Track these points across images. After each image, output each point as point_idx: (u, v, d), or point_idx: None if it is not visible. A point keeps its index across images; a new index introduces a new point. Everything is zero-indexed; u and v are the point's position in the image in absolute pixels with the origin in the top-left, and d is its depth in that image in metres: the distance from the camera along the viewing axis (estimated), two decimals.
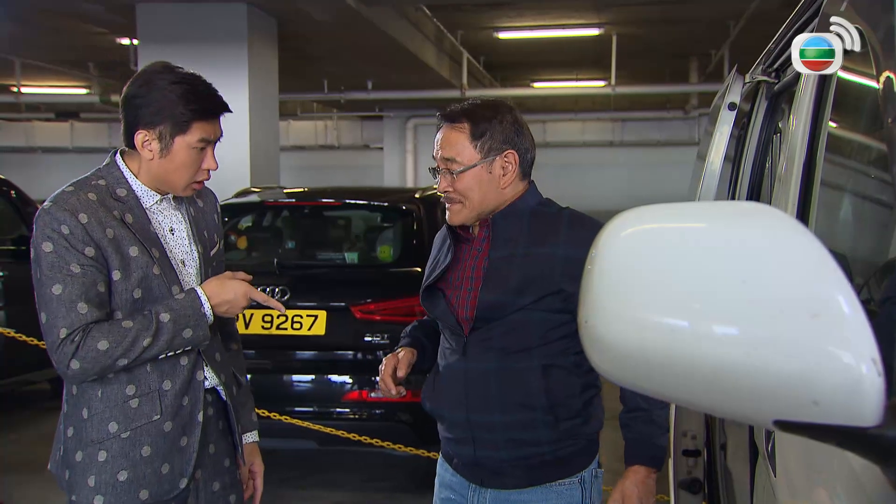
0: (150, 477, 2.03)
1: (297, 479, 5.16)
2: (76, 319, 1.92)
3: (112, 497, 2.01)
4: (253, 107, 8.40)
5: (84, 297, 1.93)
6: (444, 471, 2.24)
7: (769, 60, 2.57)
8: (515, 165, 2.08)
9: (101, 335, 1.92)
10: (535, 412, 2.04)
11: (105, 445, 2.01)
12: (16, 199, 6.73)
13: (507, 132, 2.07)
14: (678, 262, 0.88)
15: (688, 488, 2.82)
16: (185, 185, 2.09)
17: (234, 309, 2.08)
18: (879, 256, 1.25)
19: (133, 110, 2.02)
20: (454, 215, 2.10)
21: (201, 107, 2.03)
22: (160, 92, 2.00)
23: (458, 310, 2.10)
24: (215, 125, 2.08)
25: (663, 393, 0.93)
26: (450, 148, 2.06)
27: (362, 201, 5.87)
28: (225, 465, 2.23)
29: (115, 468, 2.01)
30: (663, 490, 4.16)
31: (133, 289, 2.00)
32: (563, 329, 2.05)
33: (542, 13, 11.24)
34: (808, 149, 1.57)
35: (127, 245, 1.99)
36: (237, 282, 2.08)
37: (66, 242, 1.92)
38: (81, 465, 2.02)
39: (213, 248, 2.24)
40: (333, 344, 4.58)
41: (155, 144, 2.02)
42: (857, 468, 0.96)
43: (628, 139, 19.43)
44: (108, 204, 2.01)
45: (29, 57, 12.91)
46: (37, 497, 4.80)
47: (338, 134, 20.64)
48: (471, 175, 2.05)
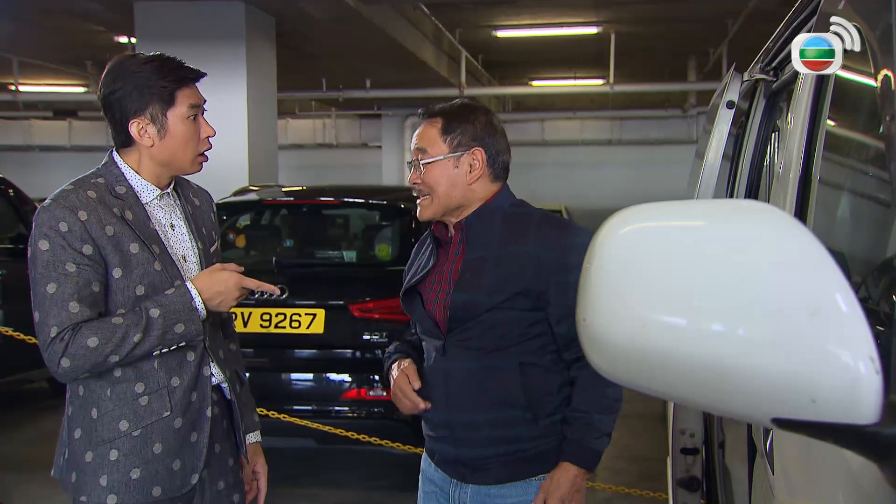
0: (163, 473, 2.04)
1: (296, 478, 5.16)
2: (67, 318, 1.91)
3: (125, 495, 2.01)
4: (251, 105, 8.39)
5: (77, 297, 1.92)
6: (426, 465, 2.29)
7: (767, 59, 2.57)
8: (483, 164, 2.13)
9: (91, 332, 1.92)
10: (514, 410, 2.09)
11: (116, 444, 2.01)
12: (13, 198, 6.72)
13: (478, 131, 2.14)
14: (676, 261, 0.88)
15: (686, 486, 2.83)
16: (192, 160, 2.10)
17: (227, 301, 2.06)
18: (877, 255, 1.25)
19: (117, 104, 2.03)
20: (422, 210, 2.16)
21: (178, 75, 2.05)
22: (134, 77, 2.02)
23: (435, 312, 2.15)
24: (196, 91, 2.10)
25: (662, 391, 0.93)
26: (422, 140, 2.14)
27: (360, 200, 5.87)
28: (229, 464, 2.23)
29: (128, 466, 2.01)
30: (661, 488, 4.17)
31: (135, 286, 1.99)
32: (538, 327, 2.09)
33: (540, 12, 11.24)
34: (806, 147, 1.57)
35: (127, 242, 1.99)
36: (227, 272, 2.06)
37: (63, 241, 1.92)
38: (92, 466, 2.02)
39: (213, 246, 2.25)
40: (332, 342, 4.59)
41: (151, 128, 2.04)
42: (855, 466, 0.96)
43: (627, 138, 19.42)
44: (108, 201, 2.01)
45: (27, 55, 12.90)
46: (36, 495, 4.80)
47: (336, 132, 20.62)
48: (438, 167, 2.11)
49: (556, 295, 2.04)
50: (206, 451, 2.10)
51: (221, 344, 2.22)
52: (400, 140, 18.99)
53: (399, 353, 2.29)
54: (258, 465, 2.34)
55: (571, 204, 14.14)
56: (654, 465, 5.06)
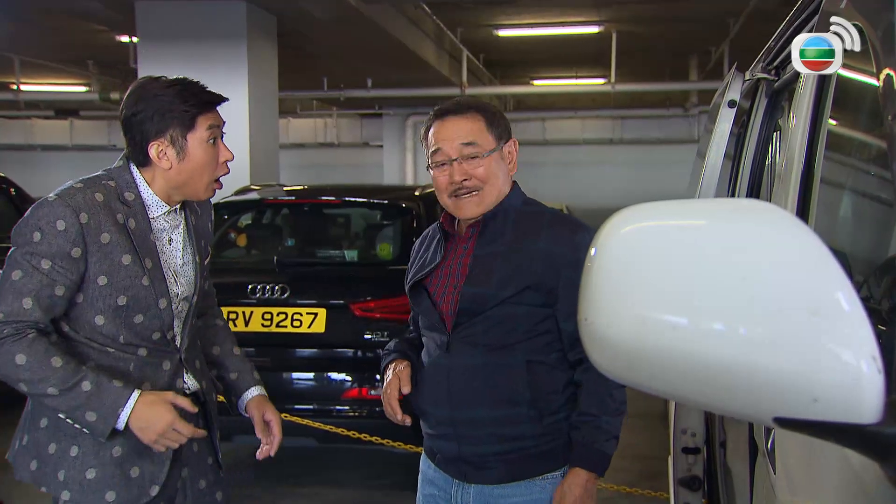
0: (118, 478, 2.02)
1: (297, 477, 5.17)
2: (16, 310, 1.90)
3: (78, 494, 2.01)
4: (252, 104, 8.39)
5: (34, 294, 1.91)
6: (426, 467, 2.27)
7: (769, 58, 2.57)
8: (516, 152, 2.18)
9: (27, 351, 1.89)
10: (518, 407, 2.07)
11: (78, 441, 2.01)
12: (15, 197, 6.73)
13: (506, 122, 2.19)
14: (678, 260, 0.88)
15: (687, 486, 2.82)
16: (207, 186, 2.10)
17: (148, 433, 1.96)
18: (879, 254, 1.25)
19: (138, 127, 2.03)
20: (474, 207, 2.11)
21: (199, 100, 2.05)
22: (157, 100, 2.02)
23: (442, 306, 2.14)
24: (217, 114, 2.11)
25: (663, 390, 0.93)
26: (471, 135, 2.10)
27: (362, 199, 5.86)
28: (208, 462, 2.23)
29: (85, 465, 2.01)
30: (663, 487, 4.17)
31: (118, 295, 1.98)
32: (546, 325, 2.09)
33: (541, 11, 11.23)
34: (807, 146, 1.57)
35: (120, 253, 1.98)
36: (168, 412, 1.98)
37: (53, 237, 1.91)
38: (54, 458, 2.02)
39: (207, 258, 2.25)
40: (333, 341, 4.58)
41: (170, 151, 2.03)
42: (857, 465, 0.96)
43: (628, 137, 19.41)
44: (114, 206, 2.00)
45: (28, 54, 12.90)
46: (37, 495, 4.79)
47: (337, 132, 20.62)
48: (493, 160, 2.11)
49: (565, 291, 2.04)
50: (168, 464, 2.07)
51: (197, 354, 2.23)
52: (401, 139, 18.98)
53: (397, 352, 2.27)
54: (268, 413, 2.30)
55: (572, 203, 14.12)
56: (655, 464, 5.06)
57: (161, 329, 2.07)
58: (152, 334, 2.06)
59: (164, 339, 2.09)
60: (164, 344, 2.09)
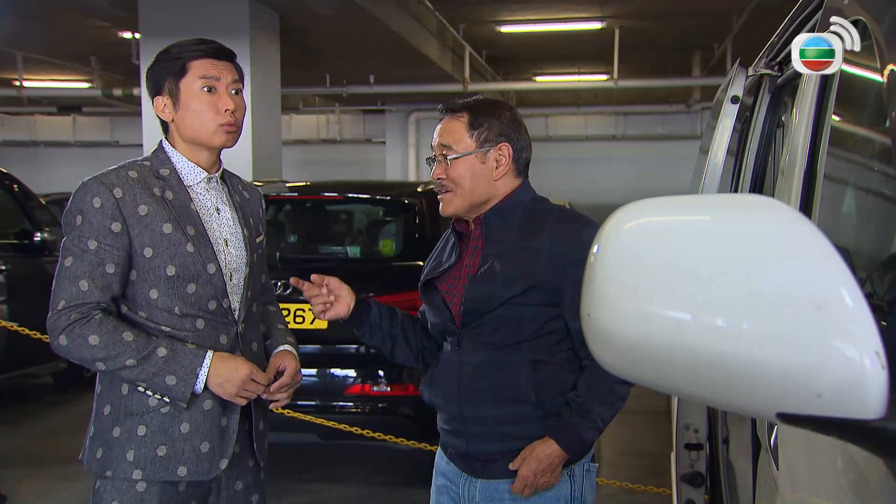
0: (189, 454, 2.04)
1: (300, 473, 5.17)
2: (76, 295, 1.96)
3: (150, 472, 2.02)
4: (255, 101, 8.39)
5: (88, 275, 1.96)
6: (440, 458, 2.31)
7: (772, 54, 2.56)
8: (509, 159, 2.15)
9: (98, 331, 1.94)
10: (524, 406, 2.09)
11: (145, 420, 2.03)
12: (18, 194, 6.72)
13: (504, 127, 2.15)
14: (681, 255, 0.88)
15: (690, 482, 2.83)
16: (212, 131, 2.10)
17: (228, 388, 2.03)
18: (883, 250, 1.25)
19: (148, 92, 2.15)
20: (446, 205, 2.16)
21: (192, 47, 2.10)
22: (158, 60, 2.13)
23: (452, 304, 2.16)
24: (216, 67, 2.11)
25: (666, 386, 0.93)
26: (447, 136, 2.14)
27: (364, 195, 5.86)
28: (249, 465, 2.22)
29: (155, 443, 2.03)
30: (665, 483, 4.17)
31: (165, 266, 2.01)
32: (553, 324, 2.10)
33: (544, 7, 11.23)
34: (811, 142, 1.57)
35: (160, 222, 2.02)
36: (244, 364, 2.05)
37: (92, 216, 1.97)
38: (120, 441, 2.04)
39: (259, 236, 2.26)
40: (336, 338, 4.59)
41: (169, 102, 2.10)
42: (861, 461, 0.96)
43: (631, 133, 19.39)
44: (149, 181, 2.05)
45: (31, 51, 12.90)
46: (40, 490, 4.80)
47: (340, 128, 20.62)
48: (464, 163, 2.12)
49: (570, 290, 2.04)
50: (235, 437, 2.10)
51: (256, 337, 2.22)
52: (404, 136, 18.97)
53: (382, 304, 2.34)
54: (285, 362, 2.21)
55: (576, 199, 14.12)
56: (658, 460, 5.07)
57: (216, 297, 2.08)
58: (208, 303, 2.07)
59: (220, 309, 2.09)
60: (222, 314, 2.09)
